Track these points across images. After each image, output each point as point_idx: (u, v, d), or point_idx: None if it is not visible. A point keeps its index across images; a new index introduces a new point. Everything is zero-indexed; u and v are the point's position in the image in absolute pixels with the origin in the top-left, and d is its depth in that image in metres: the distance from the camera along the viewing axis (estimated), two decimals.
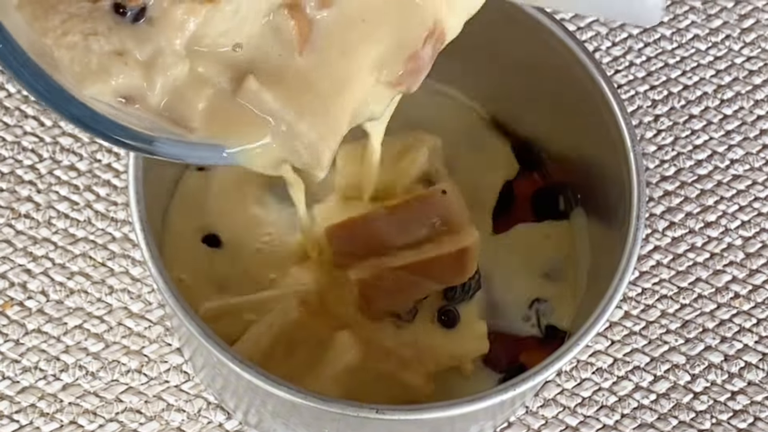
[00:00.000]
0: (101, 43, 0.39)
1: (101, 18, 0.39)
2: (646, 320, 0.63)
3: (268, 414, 0.55)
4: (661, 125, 0.68)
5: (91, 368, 0.60)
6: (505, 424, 0.60)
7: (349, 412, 0.47)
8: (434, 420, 0.48)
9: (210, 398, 0.60)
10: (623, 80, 0.69)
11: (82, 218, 0.63)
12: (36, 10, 0.39)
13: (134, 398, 0.59)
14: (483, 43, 0.60)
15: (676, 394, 0.62)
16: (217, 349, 0.47)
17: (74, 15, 0.39)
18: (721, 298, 0.64)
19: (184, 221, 0.58)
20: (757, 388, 0.62)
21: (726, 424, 0.61)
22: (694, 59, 0.70)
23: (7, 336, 0.60)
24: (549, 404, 0.61)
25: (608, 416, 0.61)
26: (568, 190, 0.61)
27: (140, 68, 0.40)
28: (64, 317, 0.61)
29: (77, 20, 0.39)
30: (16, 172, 0.64)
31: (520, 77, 0.60)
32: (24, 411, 0.59)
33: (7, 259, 0.62)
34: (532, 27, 0.56)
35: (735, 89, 0.70)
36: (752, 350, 0.63)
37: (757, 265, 0.65)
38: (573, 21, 0.71)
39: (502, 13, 0.56)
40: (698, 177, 0.67)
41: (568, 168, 0.60)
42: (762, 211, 0.66)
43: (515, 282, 0.59)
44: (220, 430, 0.59)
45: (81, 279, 0.62)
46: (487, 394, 0.48)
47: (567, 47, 0.55)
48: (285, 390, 0.47)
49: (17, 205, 0.63)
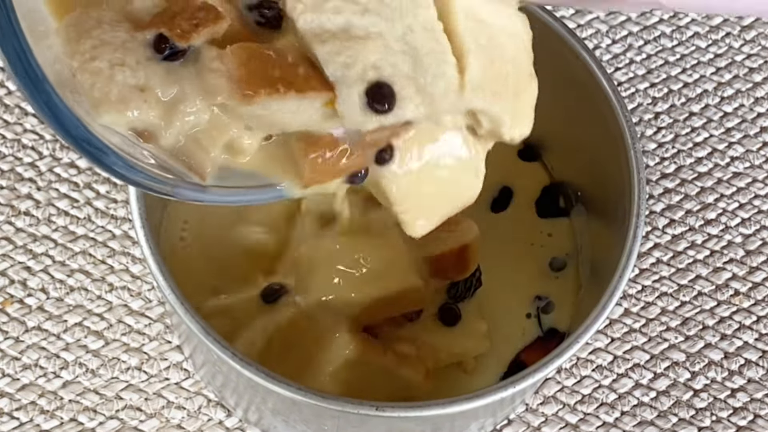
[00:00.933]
0: (126, 74, 0.37)
1: (133, 50, 0.38)
2: (646, 317, 0.63)
3: (268, 411, 0.55)
4: (662, 122, 0.68)
5: (91, 365, 0.60)
6: (505, 422, 0.60)
7: (349, 409, 0.47)
8: (434, 417, 0.48)
9: (210, 395, 0.60)
10: (623, 78, 0.69)
11: (82, 215, 0.63)
12: (71, 33, 0.38)
13: (134, 395, 0.59)
14: None
15: (676, 392, 0.62)
16: (217, 347, 0.47)
17: (106, 42, 0.37)
18: (721, 296, 0.64)
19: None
20: (757, 386, 0.62)
21: (726, 421, 0.61)
22: (694, 56, 0.70)
23: (7, 333, 0.60)
24: (549, 401, 0.61)
25: (608, 413, 0.61)
26: (568, 187, 0.61)
27: (160, 108, 0.38)
28: (64, 314, 0.61)
29: (108, 48, 0.37)
30: (16, 169, 0.64)
31: None
32: (24, 408, 0.59)
33: (7, 257, 0.62)
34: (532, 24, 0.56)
35: (735, 87, 0.70)
36: (752, 347, 0.63)
37: (757, 262, 0.65)
38: (573, 18, 0.71)
39: None
40: (698, 174, 0.67)
41: (568, 165, 0.60)
42: (762, 208, 0.66)
43: (516, 279, 0.59)
44: (221, 427, 0.59)
45: (81, 276, 0.62)
46: (487, 392, 0.48)
47: (567, 44, 0.55)
48: (285, 387, 0.47)
49: (17, 203, 0.63)
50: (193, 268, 0.57)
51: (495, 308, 0.58)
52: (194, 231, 0.58)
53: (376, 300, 0.52)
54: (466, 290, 0.56)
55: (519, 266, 0.60)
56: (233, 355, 0.47)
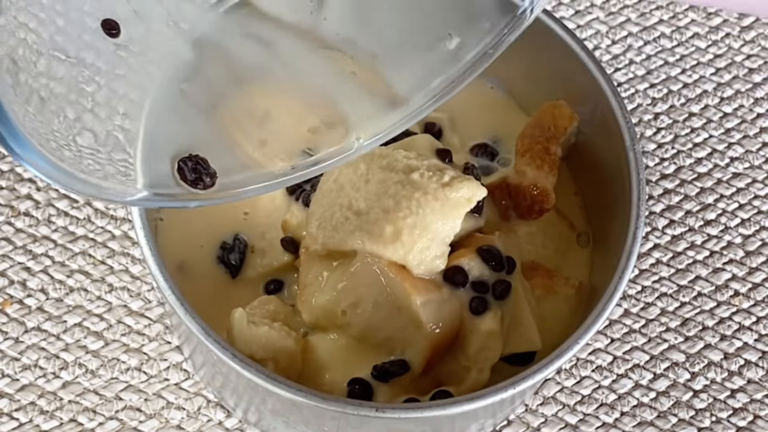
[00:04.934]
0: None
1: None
2: (646, 318, 0.63)
3: (267, 412, 0.55)
4: (661, 123, 0.68)
5: (90, 366, 0.60)
6: (505, 422, 0.60)
7: (349, 410, 0.47)
8: (434, 418, 0.48)
9: (210, 396, 0.60)
10: (623, 78, 0.69)
11: (82, 216, 0.63)
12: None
13: (134, 396, 0.59)
14: None
15: (675, 392, 0.62)
16: (216, 347, 0.47)
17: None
18: (721, 296, 0.64)
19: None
20: (756, 386, 0.62)
21: (725, 421, 0.61)
22: (693, 57, 0.70)
23: (7, 334, 0.60)
24: (549, 402, 0.61)
25: (608, 414, 0.61)
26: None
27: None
28: (63, 315, 0.61)
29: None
30: (16, 169, 0.64)
31: (519, 74, 0.60)
32: (24, 409, 0.59)
33: (7, 257, 0.62)
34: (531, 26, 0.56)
35: (735, 87, 0.70)
36: (752, 348, 0.63)
37: (756, 263, 0.65)
38: (573, 19, 0.71)
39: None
40: (698, 175, 0.67)
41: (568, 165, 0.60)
42: (762, 209, 0.66)
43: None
44: (220, 428, 0.59)
45: (80, 277, 0.62)
46: (487, 393, 0.48)
47: (567, 45, 0.55)
48: (285, 388, 0.47)
49: (17, 203, 0.63)
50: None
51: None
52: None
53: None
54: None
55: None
56: (233, 355, 0.47)
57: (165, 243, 0.55)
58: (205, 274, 0.55)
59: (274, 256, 0.55)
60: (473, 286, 0.51)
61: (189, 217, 0.56)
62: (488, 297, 0.51)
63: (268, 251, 0.55)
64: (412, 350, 0.50)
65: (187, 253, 0.56)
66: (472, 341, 0.51)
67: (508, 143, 0.59)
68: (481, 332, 0.51)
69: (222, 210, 0.56)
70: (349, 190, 0.51)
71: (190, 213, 0.56)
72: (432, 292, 0.50)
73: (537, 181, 0.55)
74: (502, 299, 0.52)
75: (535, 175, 0.55)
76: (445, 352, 0.52)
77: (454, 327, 0.51)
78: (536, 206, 0.55)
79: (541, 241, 0.56)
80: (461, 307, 0.51)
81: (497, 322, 0.51)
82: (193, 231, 0.56)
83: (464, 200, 0.50)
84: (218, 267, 0.56)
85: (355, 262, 0.50)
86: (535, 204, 0.55)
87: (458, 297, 0.51)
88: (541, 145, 0.55)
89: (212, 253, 0.56)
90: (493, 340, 0.51)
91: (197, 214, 0.56)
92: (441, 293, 0.50)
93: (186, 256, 0.55)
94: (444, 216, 0.49)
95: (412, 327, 0.50)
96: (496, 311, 0.51)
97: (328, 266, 0.52)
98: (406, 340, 0.50)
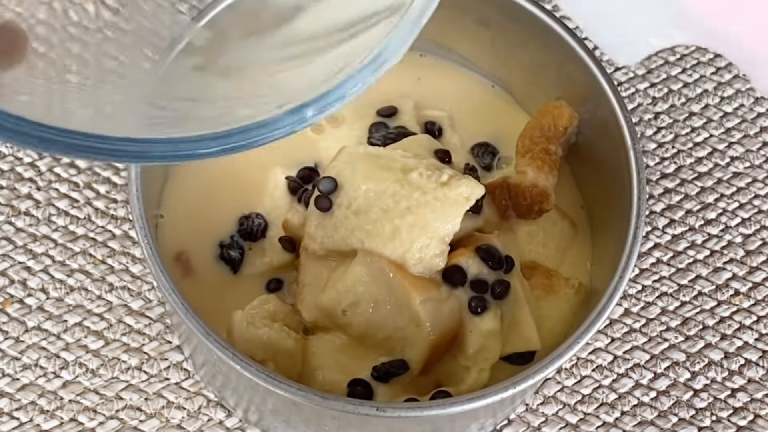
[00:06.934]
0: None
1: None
2: (647, 317, 0.63)
3: (268, 411, 0.55)
4: (661, 122, 0.68)
5: (91, 365, 0.60)
6: (506, 422, 0.60)
7: (349, 409, 0.47)
8: (434, 417, 0.48)
9: (210, 396, 0.60)
10: (623, 78, 0.69)
11: (82, 215, 0.63)
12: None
13: (134, 395, 0.59)
14: (484, 41, 0.60)
15: (676, 392, 0.62)
16: (217, 347, 0.47)
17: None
18: (721, 296, 0.64)
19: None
20: (757, 386, 0.62)
21: (726, 421, 0.61)
22: (694, 56, 0.70)
23: (7, 333, 0.60)
24: (549, 401, 0.61)
25: (608, 413, 0.61)
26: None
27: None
28: (64, 314, 0.61)
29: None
30: (16, 169, 0.64)
31: (520, 74, 0.60)
32: (24, 408, 0.59)
33: (7, 257, 0.62)
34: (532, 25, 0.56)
35: (735, 86, 0.70)
36: (752, 347, 0.63)
37: (757, 262, 0.65)
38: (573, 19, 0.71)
39: (503, 11, 0.57)
40: (698, 174, 0.67)
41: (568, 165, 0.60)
42: (762, 208, 0.66)
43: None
44: (221, 427, 0.59)
45: (81, 276, 0.62)
46: (487, 392, 0.48)
47: (567, 45, 0.55)
48: (285, 388, 0.47)
49: (17, 203, 0.63)
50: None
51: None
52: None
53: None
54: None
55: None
56: (233, 355, 0.47)
57: (165, 241, 0.55)
58: (206, 272, 0.55)
59: (274, 255, 0.55)
60: (472, 286, 0.51)
61: (189, 214, 0.56)
62: (487, 297, 0.51)
63: (268, 250, 0.55)
64: (411, 350, 0.50)
65: (187, 250, 0.56)
66: (472, 341, 0.51)
67: (509, 142, 0.59)
68: (480, 332, 0.51)
69: (222, 209, 0.56)
70: (347, 190, 0.51)
71: (191, 212, 0.56)
72: (431, 291, 0.50)
73: (537, 181, 0.55)
74: (501, 299, 0.52)
75: (536, 176, 0.55)
76: (444, 352, 0.52)
77: (453, 326, 0.51)
78: (536, 206, 0.55)
79: (541, 239, 0.56)
80: (461, 307, 0.51)
81: (497, 321, 0.51)
82: (194, 228, 0.56)
83: (463, 198, 0.50)
84: (219, 265, 0.56)
85: (355, 262, 0.50)
86: (535, 204, 0.55)
87: (457, 297, 0.51)
88: (542, 146, 0.56)
89: (213, 252, 0.56)
90: (492, 339, 0.51)
91: (197, 214, 0.56)
92: (440, 292, 0.50)
93: (187, 254, 0.56)
94: (443, 214, 0.49)
95: (411, 326, 0.50)
96: (496, 311, 0.51)
97: (328, 266, 0.52)
98: (406, 339, 0.50)
